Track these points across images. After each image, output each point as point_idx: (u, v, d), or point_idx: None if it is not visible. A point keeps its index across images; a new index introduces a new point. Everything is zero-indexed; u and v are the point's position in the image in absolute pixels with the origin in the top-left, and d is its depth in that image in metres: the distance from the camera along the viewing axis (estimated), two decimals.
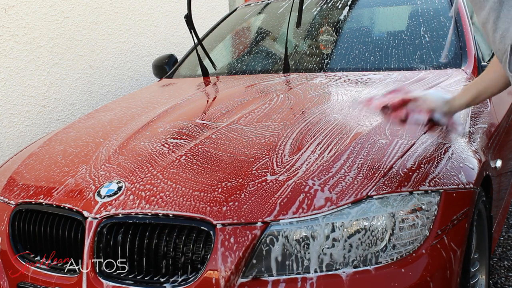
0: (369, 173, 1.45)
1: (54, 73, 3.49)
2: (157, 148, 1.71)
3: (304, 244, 1.36)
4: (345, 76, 2.36)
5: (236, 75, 2.75)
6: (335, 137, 1.63)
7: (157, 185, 1.51)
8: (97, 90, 3.81)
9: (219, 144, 1.69)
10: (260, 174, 1.48)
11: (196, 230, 1.40)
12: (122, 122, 2.07)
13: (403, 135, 1.64)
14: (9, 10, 3.20)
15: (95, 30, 3.75)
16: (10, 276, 1.61)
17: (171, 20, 4.38)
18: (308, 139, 1.64)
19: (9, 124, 3.26)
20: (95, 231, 1.46)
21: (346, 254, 1.35)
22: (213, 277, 1.34)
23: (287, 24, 2.75)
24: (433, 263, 1.39)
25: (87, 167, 1.70)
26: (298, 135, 1.68)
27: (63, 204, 1.57)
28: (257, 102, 2.04)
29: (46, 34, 3.42)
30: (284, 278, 1.34)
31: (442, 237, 1.43)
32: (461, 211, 1.50)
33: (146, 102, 2.42)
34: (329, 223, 1.36)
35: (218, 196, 1.42)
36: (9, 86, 3.23)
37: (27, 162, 1.91)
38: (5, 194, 1.75)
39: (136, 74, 4.13)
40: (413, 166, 1.49)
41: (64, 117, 3.58)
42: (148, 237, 1.42)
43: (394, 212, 1.39)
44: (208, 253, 1.36)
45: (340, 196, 1.39)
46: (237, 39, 3.28)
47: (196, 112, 2.06)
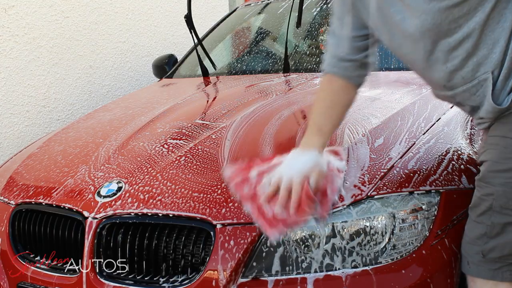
0: (369, 173, 1.45)
1: (54, 73, 3.49)
2: (157, 149, 1.71)
3: (304, 245, 1.36)
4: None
5: (236, 75, 2.75)
6: (335, 137, 1.63)
7: (157, 185, 1.50)
8: (97, 90, 3.80)
9: (219, 144, 1.69)
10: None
11: (196, 230, 1.40)
12: (122, 122, 2.07)
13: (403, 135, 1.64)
14: (9, 10, 3.20)
15: (95, 30, 3.74)
16: (10, 276, 1.61)
17: (171, 20, 4.38)
18: None
19: (9, 124, 3.26)
20: (95, 231, 1.46)
21: (346, 255, 1.35)
22: (213, 277, 1.34)
23: (287, 24, 2.75)
24: (433, 264, 1.39)
25: (86, 167, 1.70)
26: (298, 135, 1.68)
27: (63, 204, 1.57)
28: (257, 102, 2.04)
29: (46, 34, 3.42)
30: (284, 278, 1.34)
31: (442, 237, 1.43)
32: (461, 211, 1.50)
33: (146, 102, 2.42)
34: (329, 223, 1.36)
35: (218, 196, 1.42)
36: (9, 86, 3.23)
37: (27, 162, 1.91)
38: (5, 194, 1.75)
39: (136, 74, 4.12)
40: (414, 167, 1.49)
41: (64, 117, 3.57)
42: (148, 237, 1.42)
43: (394, 212, 1.39)
44: (208, 253, 1.36)
45: (340, 196, 1.38)
46: (237, 39, 3.28)
47: (196, 112, 2.06)
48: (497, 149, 1.29)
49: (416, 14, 1.23)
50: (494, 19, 1.20)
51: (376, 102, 1.94)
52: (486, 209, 1.31)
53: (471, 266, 1.36)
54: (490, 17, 1.19)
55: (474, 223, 1.35)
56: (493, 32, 1.20)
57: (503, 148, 1.28)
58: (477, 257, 1.34)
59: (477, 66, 1.24)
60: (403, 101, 1.93)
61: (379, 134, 1.64)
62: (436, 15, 1.20)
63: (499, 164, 1.29)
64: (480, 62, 1.23)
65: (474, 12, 1.19)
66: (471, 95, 1.29)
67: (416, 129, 1.68)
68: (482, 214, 1.32)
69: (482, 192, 1.33)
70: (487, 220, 1.31)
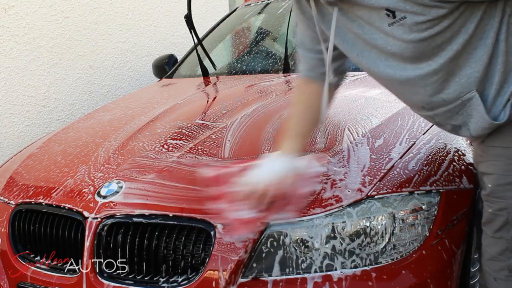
0: (370, 173, 1.45)
1: (54, 73, 3.49)
2: (157, 149, 1.71)
3: (304, 245, 1.36)
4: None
5: (236, 75, 2.75)
6: (334, 137, 1.63)
7: (157, 185, 1.50)
8: (97, 90, 3.80)
9: (219, 144, 1.69)
10: None
11: (196, 230, 1.40)
12: (121, 123, 2.07)
13: (403, 135, 1.64)
14: (9, 10, 3.20)
15: (95, 30, 3.74)
16: (10, 276, 1.61)
17: (171, 20, 4.38)
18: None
19: (9, 124, 3.26)
20: (95, 231, 1.46)
21: (346, 255, 1.35)
22: (212, 277, 1.34)
23: (287, 24, 2.75)
24: (433, 264, 1.39)
25: (86, 167, 1.70)
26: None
27: (63, 204, 1.57)
28: (257, 102, 2.04)
29: (46, 34, 3.42)
30: (283, 278, 1.34)
31: (442, 237, 1.43)
32: (461, 211, 1.50)
33: (146, 102, 2.41)
34: (329, 223, 1.36)
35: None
36: (9, 86, 3.23)
37: (27, 163, 1.91)
38: (5, 194, 1.75)
39: (136, 74, 4.12)
40: (413, 167, 1.49)
41: (64, 117, 3.57)
42: (148, 238, 1.42)
43: (394, 212, 1.39)
44: (207, 253, 1.36)
45: (340, 196, 1.38)
46: (237, 39, 3.28)
47: (195, 112, 2.06)
48: (502, 161, 1.27)
49: (397, 43, 1.19)
50: (477, 37, 1.17)
51: (376, 102, 1.94)
52: (503, 224, 1.29)
53: (499, 282, 1.34)
54: (474, 35, 1.17)
55: (492, 239, 1.33)
56: (475, 49, 1.18)
57: (507, 159, 1.26)
58: (503, 273, 1.33)
59: (460, 87, 1.21)
60: None
61: (379, 134, 1.64)
62: (418, 44, 1.18)
63: (506, 177, 1.27)
64: (463, 82, 1.21)
65: (457, 34, 1.16)
66: (454, 115, 1.27)
67: (416, 129, 1.67)
68: (499, 229, 1.30)
69: (494, 207, 1.30)
70: (506, 234, 1.30)
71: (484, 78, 1.20)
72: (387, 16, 1.15)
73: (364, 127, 1.69)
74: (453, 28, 1.15)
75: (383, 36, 1.20)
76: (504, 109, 1.21)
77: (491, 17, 1.16)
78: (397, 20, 1.14)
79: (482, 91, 1.22)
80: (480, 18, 1.15)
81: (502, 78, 1.20)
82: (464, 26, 1.16)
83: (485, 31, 1.17)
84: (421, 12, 1.12)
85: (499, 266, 1.33)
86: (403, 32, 1.16)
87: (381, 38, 1.20)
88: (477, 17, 1.15)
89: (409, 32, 1.16)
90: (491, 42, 1.17)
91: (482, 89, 1.21)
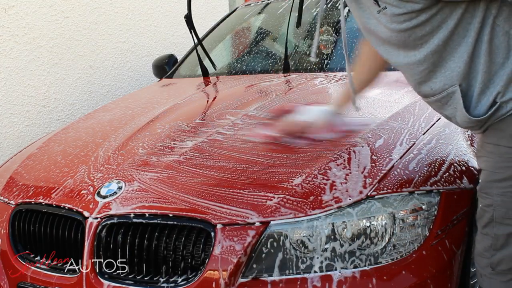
0: (370, 173, 1.45)
1: (54, 73, 3.49)
2: (157, 149, 1.71)
3: (304, 245, 1.36)
4: (345, 76, 2.36)
5: (236, 75, 2.75)
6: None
7: (157, 185, 1.50)
8: (97, 90, 3.80)
9: (219, 144, 1.69)
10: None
11: (196, 230, 1.40)
12: (121, 123, 2.07)
13: (404, 136, 1.64)
14: (9, 10, 3.20)
15: (95, 30, 3.74)
16: (10, 276, 1.61)
17: (171, 20, 4.38)
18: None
19: (9, 124, 3.26)
20: (95, 231, 1.46)
21: (346, 255, 1.35)
22: (212, 277, 1.34)
23: (287, 24, 2.75)
24: (433, 264, 1.39)
25: (86, 167, 1.70)
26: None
27: (63, 204, 1.57)
28: (257, 102, 2.04)
29: (46, 34, 3.42)
30: (283, 278, 1.34)
31: (442, 237, 1.43)
32: (461, 211, 1.50)
33: (146, 102, 2.41)
34: (329, 223, 1.36)
35: (218, 196, 1.42)
36: (9, 86, 3.23)
37: (27, 163, 1.91)
38: (5, 194, 1.75)
39: (136, 74, 4.12)
40: (414, 167, 1.49)
41: (64, 117, 3.57)
42: (148, 238, 1.42)
43: (394, 212, 1.39)
44: (207, 253, 1.36)
45: (340, 197, 1.38)
46: (237, 39, 3.28)
47: (196, 112, 2.06)
48: (493, 158, 1.29)
49: (385, 30, 1.27)
50: (460, 34, 1.21)
51: (376, 102, 1.94)
52: (489, 221, 1.30)
53: (484, 279, 1.36)
54: (455, 32, 1.21)
55: (481, 235, 1.35)
56: (459, 45, 1.22)
57: (497, 157, 1.28)
58: (487, 270, 1.34)
59: (445, 79, 1.26)
60: (403, 101, 1.93)
61: (379, 135, 1.64)
62: (400, 34, 1.24)
63: (495, 174, 1.28)
64: (447, 75, 1.25)
65: (437, 29, 1.21)
66: (443, 105, 1.31)
67: (417, 130, 1.67)
68: (486, 225, 1.32)
69: (483, 203, 1.32)
70: (491, 231, 1.31)
71: (466, 75, 1.24)
72: (374, 4, 1.23)
73: (364, 126, 1.69)
74: (432, 22, 1.20)
75: (376, 22, 1.28)
76: (491, 108, 1.23)
77: (473, 17, 1.20)
78: (381, 9, 1.22)
79: (467, 87, 1.25)
80: (461, 16, 1.19)
81: (485, 78, 1.22)
82: (444, 22, 1.20)
83: (468, 29, 1.21)
84: (397, 5, 1.19)
85: (484, 263, 1.35)
86: (387, 21, 1.24)
87: (374, 24, 1.29)
88: (458, 15, 1.19)
89: (391, 22, 1.23)
90: (471, 41, 1.21)
91: (467, 85, 1.25)
